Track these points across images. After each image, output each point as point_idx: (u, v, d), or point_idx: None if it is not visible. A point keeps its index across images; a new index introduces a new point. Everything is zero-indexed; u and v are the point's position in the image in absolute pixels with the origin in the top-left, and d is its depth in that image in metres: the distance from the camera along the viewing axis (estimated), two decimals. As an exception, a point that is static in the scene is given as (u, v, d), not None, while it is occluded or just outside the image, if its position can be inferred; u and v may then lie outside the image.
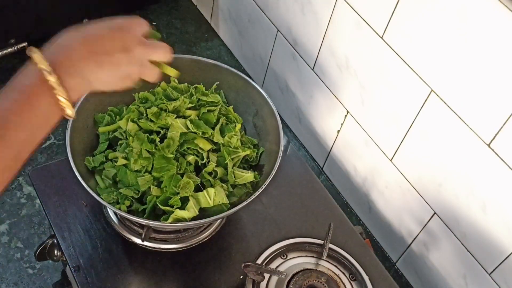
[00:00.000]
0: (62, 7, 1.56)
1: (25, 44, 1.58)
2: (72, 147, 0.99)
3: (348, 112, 1.31)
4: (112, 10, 1.69)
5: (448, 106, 1.05)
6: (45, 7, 1.53)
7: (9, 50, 1.57)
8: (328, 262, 1.07)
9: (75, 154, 0.99)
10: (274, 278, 1.03)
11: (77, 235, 1.07)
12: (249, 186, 1.05)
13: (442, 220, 1.16)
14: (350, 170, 1.38)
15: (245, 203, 0.97)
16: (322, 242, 1.09)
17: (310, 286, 1.01)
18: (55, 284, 1.25)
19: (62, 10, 1.57)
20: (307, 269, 1.04)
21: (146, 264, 1.06)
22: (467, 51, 0.97)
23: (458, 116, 1.04)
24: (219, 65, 1.12)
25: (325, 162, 1.46)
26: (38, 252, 1.14)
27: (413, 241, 1.26)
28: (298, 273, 1.03)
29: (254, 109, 1.12)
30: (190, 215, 0.97)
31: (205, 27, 1.75)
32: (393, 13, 1.09)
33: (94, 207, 1.11)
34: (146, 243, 1.06)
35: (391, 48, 1.12)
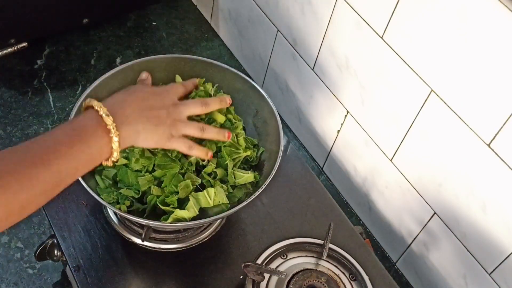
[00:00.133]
0: (62, 7, 1.56)
1: (25, 44, 1.58)
2: (72, 147, 0.99)
3: (348, 112, 1.31)
4: (112, 10, 1.70)
5: (448, 106, 1.05)
6: (45, 7, 1.53)
7: (9, 50, 1.57)
8: (328, 262, 1.07)
9: (75, 154, 0.99)
10: (274, 278, 1.03)
11: (77, 235, 1.07)
12: (249, 186, 1.05)
13: (442, 220, 1.16)
14: (350, 170, 1.38)
15: (245, 203, 0.97)
16: (322, 242, 1.09)
17: (310, 286, 1.01)
18: (55, 284, 1.25)
19: (62, 10, 1.57)
20: (307, 269, 1.04)
21: (146, 264, 1.06)
22: (467, 51, 0.97)
23: (458, 116, 1.03)
24: (219, 65, 1.12)
25: (325, 162, 1.46)
26: (38, 252, 1.14)
27: (413, 241, 1.26)
28: (298, 273, 1.03)
29: (254, 109, 1.12)
30: (190, 215, 0.97)
31: (205, 27, 1.75)
32: (393, 13, 1.09)
33: (94, 207, 1.11)
34: (146, 243, 1.06)
35: (391, 48, 1.12)
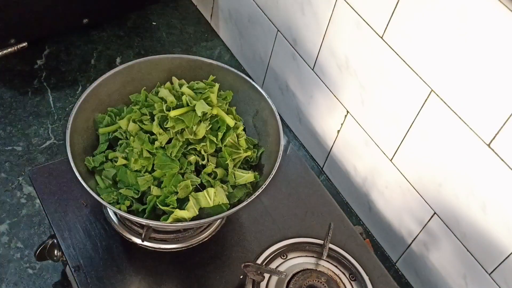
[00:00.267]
0: (62, 7, 1.56)
1: (25, 44, 1.58)
2: (72, 147, 0.99)
3: (348, 112, 1.31)
4: (112, 10, 1.70)
5: (448, 106, 1.05)
6: (45, 7, 1.53)
7: (9, 50, 1.57)
8: (328, 262, 1.07)
9: (75, 154, 1.00)
10: (274, 278, 1.03)
11: (77, 235, 1.07)
12: (249, 186, 1.05)
13: (442, 220, 1.16)
14: (350, 170, 1.38)
15: (245, 203, 0.97)
16: (322, 242, 1.09)
17: (310, 286, 1.01)
18: (55, 284, 1.25)
19: (62, 10, 1.57)
20: (307, 269, 1.04)
21: (146, 264, 1.06)
22: (467, 51, 0.97)
23: (458, 116, 1.03)
24: (219, 65, 1.12)
25: (325, 162, 1.46)
26: (38, 252, 1.14)
27: (413, 241, 1.26)
28: (298, 273, 1.03)
29: (254, 109, 1.12)
30: (190, 215, 0.97)
31: (205, 27, 1.75)
32: (393, 13, 1.09)
33: (94, 207, 1.11)
34: (146, 243, 1.06)
35: (391, 48, 1.12)
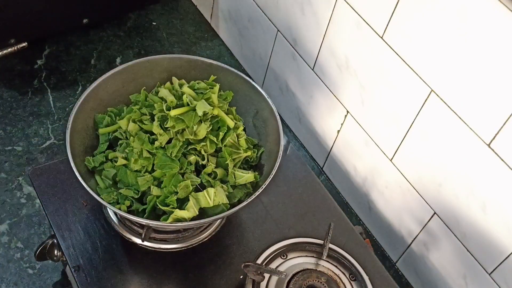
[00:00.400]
0: (62, 7, 1.56)
1: (25, 44, 1.58)
2: (72, 147, 0.99)
3: (348, 112, 1.31)
4: (112, 10, 1.70)
5: (448, 106, 1.05)
6: (45, 7, 1.53)
7: (9, 50, 1.57)
8: (328, 262, 1.07)
9: (75, 154, 1.00)
10: (274, 278, 1.03)
11: (77, 235, 1.07)
12: (249, 186, 1.05)
13: (442, 220, 1.16)
14: (350, 170, 1.38)
15: (245, 203, 0.97)
16: (322, 242, 1.09)
17: (310, 286, 1.01)
18: (55, 284, 1.25)
19: (62, 10, 1.57)
20: (307, 269, 1.04)
21: (146, 264, 1.06)
22: (467, 51, 0.97)
23: (458, 116, 1.03)
24: (219, 65, 1.12)
25: (325, 162, 1.46)
26: (38, 252, 1.14)
27: (413, 241, 1.26)
28: (298, 273, 1.03)
29: (254, 109, 1.12)
30: (190, 215, 0.97)
31: (205, 27, 1.75)
32: (393, 13, 1.09)
33: (94, 207, 1.11)
34: (146, 243, 1.06)
35: (391, 48, 1.12)
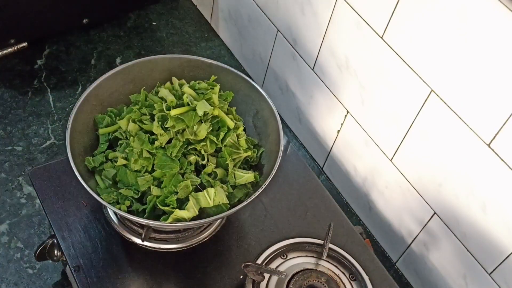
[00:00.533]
0: (62, 7, 1.56)
1: (25, 44, 1.58)
2: (72, 147, 0.99)
3: (348, 112, 1.31)
4: (112, 10, 1.70)
5: (448, 106, 1.05)
6: (45, 7, 1.53)
7: (9, 50, 1.57)
8: (328, 262, 1.07)
9: (75, 154, 1.00)
10: (274, 278, 1.03)
11: (77, 235, 1.07)
12: (249, 186, 1.05)
13: (442, 220, 1.16)
14: (350, 170, 1.38)
15: (245, 203, 0.97)
16: (322, 242, 1.09)
17: (310, 286, 1.01)
18: (55, 284, 1.25)
19: (62, 10, 1.57)
20: (307, 269, 1.04)
21: (146, 264, 1.06)
22: (467, 51, 0.97)
23: (458, 116, 1.03)
24: (219, 65, 1.12)
25: (325, 162, 1.46)
26: (38, 252, 1.14)
27: (413, 241, 1.26)
28: (298, 273, 1.03)
29: (254, 109, 1.12)
30: (190, 215, 0.97)
31: (205, 27, 1.75)
32: (393, 13, 1.09)
33: (94, 207, 1.11)
34: (146, 243, 1.06)
35: (391, 48, 1.12)
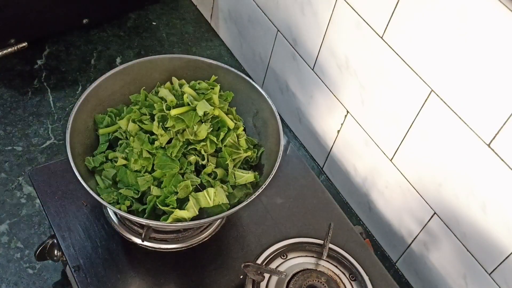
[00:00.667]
0: (62, 7, 1.56)
1: (25, 44, 1.58)
2: (72, 147, 0.99)
3: (348, 112, 1.31)
4: (112, 10, 1.70)
5: (448, 106, 1.05)
6: (45, 7, 1.53)
7: (9, 50, 1.57)
8: (328, 262, 1.07)
9: (75, 154, 1.00)
10: (274, 278, 1.03)
11: (77, 235, 1.07)
12: (249, 186, 1.05)
13: (442, 220, 1.16)
14: (350, 170, 1.38)
15: (245, 203, 0.97)
16: (322, 242, 1.09)
17: (310, 286, 1.01)
18: (55, 284, 1.25)
19: (62, 10, 1.57)
20: (307, 269, 1.04)
21: (146, 264, 1.06)
22: (467, 51, 0.97)
23: (458, 116, 1.03)
24: (219, 65, 1.12)
25: (325, 162, 1.46)
26: (38, 252, 1.14)
27: (413, 241, 1.26)
28: (298, 273, 1.03)
29: (254, 109, 1.12)
30: (190, 215, 0.97)
31: (205, 27, 1.75)
32: (393, 13, 1.09)
33: (94, 207, 1.11)
34: (146, 243, 1.06)
35: (391, 48, 1.12)
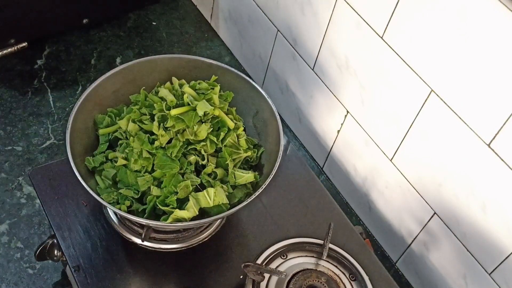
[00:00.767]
0: (62, 7, 1.56)
1: (25, 44, 1.58)
2: (72, 147, 0.99)
3: (348, 112, 1.31)
4: (112, 10, 1.70)
5: (448, 106, 1.05)
6: (45, 7, 1.53)
7: (9, 50, 1.57)
8: (328, 262, 1.07)
9: (75, 154, 1.00)
10: (274, 278, 1.03)
11: (77, 235, 1.07)
12: (249, 186, 1.05)
13: (442, 220, 1.16)
14: (350, 170, 1.38)
15: (245, 203, 0.97)
16: (322, 242, 1.09)
17: (310, 286, 1.01)
18: (55, 284, 1.25)
19: (62, 10, 1.57)
20: (307, 269, 1.04)
21: (146, 264, 1.06)
22: (467, 51, 0.97)
23: (458, 116, 1.03)
24: (219, 65, 1.12)
25: (325, 162, 1.46)
26: (38, 252, 1.14)
27: (413, 241, 1.26)
28: (298, 273, 1.03)
29: (254, 109, 1.12)
30: (190, 215, 0.97)
31: (205, 27, 1.75)
32: (393, 13, 1.09)
33: (94, 207, 1.11)
34: (146, 243, 1.06)
35: (391, 48, 1.12)
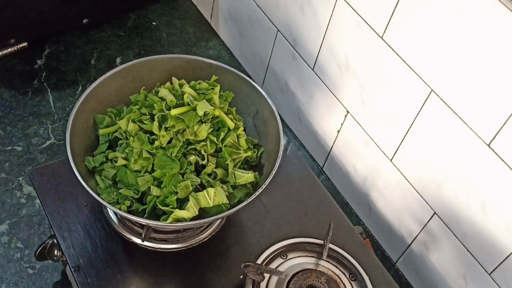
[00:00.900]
0: (62, 7, 1.56)
1: (25, 44, 1.58)
2: (72, 147, 0.99)
3: (348, 112, 1.31)
4: (112, 10, 1.70)
5: (448, 106, 1.05)
6: (45, 7, 1.53)
7: (9, 50, 1.57)
8: (328, 262, 1.07)
9: (75, 154, 1.00)
10: (274, 278, 1.03)
11: (77, 235, 1.07)
12: (249, 186, 1.05)
13: (442, 220, 1.16)
14: (350, 170, 1.38)
15: (245, 203, 0.97)
16: (322, 242, 1.09)
17: (310, 286, 1.01)
18: (55, 284, 1.25)
19: (62, 10, 1.57)
20: (307, 269, 1.04)
21: (146, 264, 1.06)
22: (467, 51, 0.97)
23: (458, 116, 1.04)
24: (219, 65, 1.12)
25: (325, 162, 1.46)
26: (38, 252, 1.14)
27: (413, 241, 1.26)
28: (298, 273, 1.03)
29: (254, 109, 1.12)
30: (190, 215, 0.97)
31: (205, 27, 1.76)
32: (393, 13, 1.09)
33: (94, 207, 1.11)
34: (146, 243, 1.06)
35: (391, 48, 1.12)
